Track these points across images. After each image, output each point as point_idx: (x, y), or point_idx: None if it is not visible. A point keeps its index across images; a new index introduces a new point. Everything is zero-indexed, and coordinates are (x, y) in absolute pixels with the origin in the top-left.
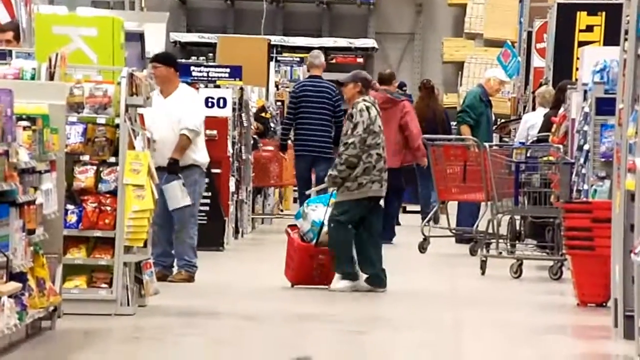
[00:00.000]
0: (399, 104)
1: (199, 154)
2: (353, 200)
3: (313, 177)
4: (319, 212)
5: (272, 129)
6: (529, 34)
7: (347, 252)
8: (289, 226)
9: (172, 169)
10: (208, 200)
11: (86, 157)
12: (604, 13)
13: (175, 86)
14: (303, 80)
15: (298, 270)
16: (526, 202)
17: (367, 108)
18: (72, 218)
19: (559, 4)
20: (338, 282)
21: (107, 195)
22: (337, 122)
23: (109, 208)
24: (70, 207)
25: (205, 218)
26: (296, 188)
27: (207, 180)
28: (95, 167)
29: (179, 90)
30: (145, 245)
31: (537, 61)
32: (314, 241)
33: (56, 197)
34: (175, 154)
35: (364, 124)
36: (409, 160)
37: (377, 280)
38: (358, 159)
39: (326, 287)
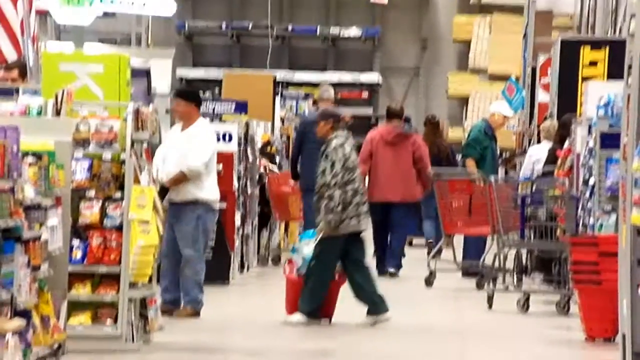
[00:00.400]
0: (409, 138)
1: (205, 191)
2: (332, 237)
3: None
4: (311, 247)
5: (277, 163)
6: (533, 69)
7: (315, 292)
8: (288, 260)
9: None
10: (213, 235)
11: (92, 193)
12: (607, 48)
13: (194, 121)
14: (309, 113)
15: (293, 304)
16: (532, 235)
17: (342, 145)
18: (77, 254)
19: (562, 40)
20: (294, 315)
21: (113, 231)
22: None
23: (114, 243)
24: (75, 242)
25: (211, 253)
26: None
27: (214, 217)
28: (100, 203)
29: (194, 126)
30: (150, 281)
31: (541, 96)
32: None
33: (61, 233)
34: (167, 181)
35: (341, 162)
36: (423, 192)
37: (374, 308)
38: (339, 197)
39: (327, 321)
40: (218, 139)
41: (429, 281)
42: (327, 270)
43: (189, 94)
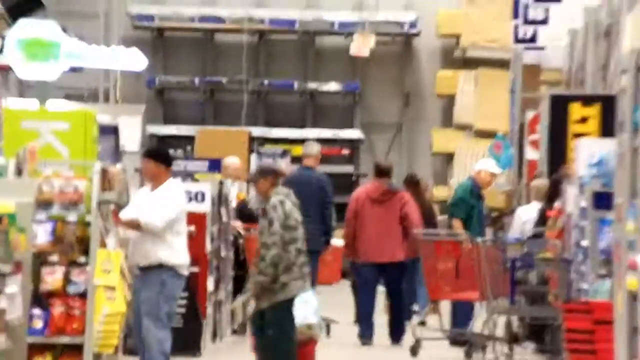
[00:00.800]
0: (397, 195)
1: (170, 253)
2: (279, 302)
3: None
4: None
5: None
6: (521, 125)
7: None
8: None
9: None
10: (184, 301)
11: (54, 258)
12: (599, 104)
13: (164, 182)
14: (294, 170)
15: None
16: (523, 301)
17: (281, 202)
18: (38, 323)
19: (552, 95)
20: None
21: (76, 298)
22: (323, 216)
23: (77, 312)
24: (36, 311)
25: (181, 320)
26: None
27: (181, 282)
28: (64, 268)
29: (163, 186)
30: (116, 352)
31: (530, 153)
32: None
33: (21, 301)
34: (124, 221)
35: (280, 220)
36: (412, 253)
37: None
38: (280, 258)
39: None
40: (190, 199)
41: (414, 350)
42: (289, 337)
43: (159, 154)
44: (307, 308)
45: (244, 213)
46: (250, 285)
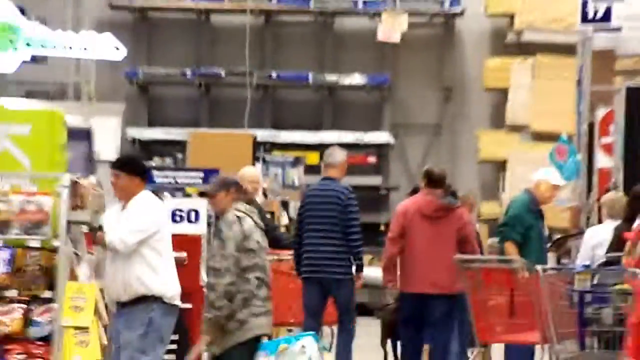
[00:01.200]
0: (455, 212)
1: (157, 281)
2: (238, 345)
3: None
4: None
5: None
6: (591, 125)
7: None
8: None
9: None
10: (175, 346)
11: (12, 292)
12: None
13: (135, 196)
14: (315, 183)
15: None
16: (595, 345)
17: (240, 219)
18: None
19: (628, 87)
20: None
21: (39, 343)
22: (348, 236)
23: None
24: None
25: None
26: None
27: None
28: (24, 305)
29: (134, 200)
30: None
31: (602, 160)
32: None
33: None
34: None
35: (235, 241)
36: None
37: None
38: (236, 287)
39: None
40: (181, 219)
41: None
42: None
43: (131, 165)
44: (301, 359)
45: (269, 236)
46: (203, 326)
